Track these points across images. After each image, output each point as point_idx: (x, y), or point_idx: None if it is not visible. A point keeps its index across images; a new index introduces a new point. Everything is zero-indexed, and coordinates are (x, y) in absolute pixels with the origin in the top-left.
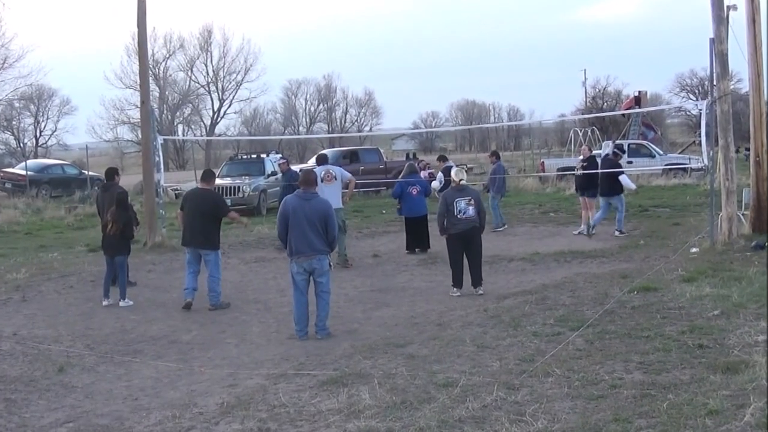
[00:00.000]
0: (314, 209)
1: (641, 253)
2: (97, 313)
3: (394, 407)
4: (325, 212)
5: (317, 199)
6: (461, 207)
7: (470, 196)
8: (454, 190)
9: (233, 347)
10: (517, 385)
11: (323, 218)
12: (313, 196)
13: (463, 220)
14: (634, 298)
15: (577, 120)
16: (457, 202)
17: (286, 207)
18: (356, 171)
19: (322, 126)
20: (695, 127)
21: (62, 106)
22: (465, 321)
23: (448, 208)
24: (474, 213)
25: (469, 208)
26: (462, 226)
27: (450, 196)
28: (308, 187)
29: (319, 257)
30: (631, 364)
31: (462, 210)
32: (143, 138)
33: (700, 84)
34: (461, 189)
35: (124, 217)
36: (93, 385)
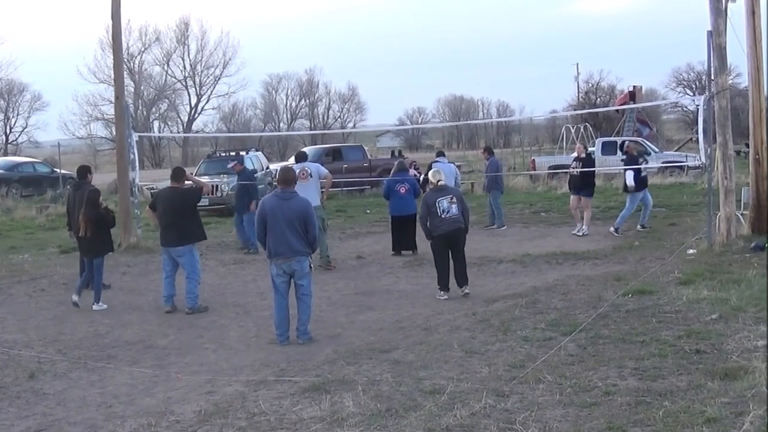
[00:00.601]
0: (293, 209)
1: (636, 255)
2: (69, 317)
3: (378, 415)
4: (305, 212)
5: (296, 198)
6: (444, 206)
7: (452, 194)
8: (435, 190)
9: (211, 352)
10: (506, 392)
11: (302, 218)
12: (292, 195)
13: (447, 220)
14: (628, 302)
15: (569, 116)
16: (440, 201)
17: (263, 207)
18: (339, 169)
19: (304, 122)
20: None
21: (33, 101)
22: (452, 325)
23: (430, 209)
24: (458, 211)
25: (452, 206)
26: (446, 226)
27: (431, 197)
28: (286, 186)
29: (299, 259)
30: (625, 370)
31: (445, 209)
32: (118, 135)
33: (697, 79)
34: (441, 189)
35: (95, 217)
36: (65, 392)
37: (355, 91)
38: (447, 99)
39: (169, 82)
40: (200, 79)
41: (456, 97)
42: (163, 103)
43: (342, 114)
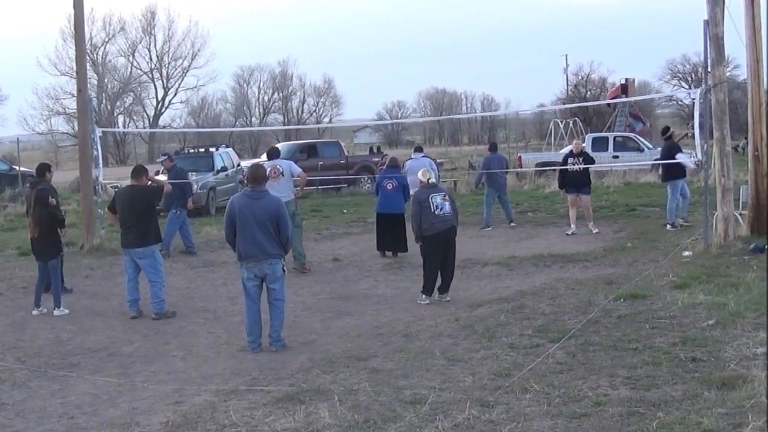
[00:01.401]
0: (264, 209)
1: (628, 257)
2: (29, 323)
3: (356, 426)
4: (276, 211)
5: (267, 198)
6: (438, 202)
7: (444, 192)
8: (426, 187)
9: (179, 360)
10: (491, 403)
11: (274, 218)
12: (262, 194)
13: (441, 218)
14: (620, 307)
15: (558, 110)
16: (432, 197)
17: (232, 207)
18: (315, 166)
19: (277, 117)
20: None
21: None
22: (434, 332)
23: (422, 205)
24: (450, 209)
25: (445, 204)
26: (440, 225)
27: (423, 193)
28: (257, 185)
29: (271, 261)
30: (617, 379)
31: (439, 205)
32: (80, 130)
33: (693, 71)
34: (432, 186)
35: (47, 216)
36: (24, 402)
37: (331, 83)
38: (428, 92)
39: (135, 74)
40: (167, 71)
41: (438, 91)
42: (129, 97)
43: (317, 108)
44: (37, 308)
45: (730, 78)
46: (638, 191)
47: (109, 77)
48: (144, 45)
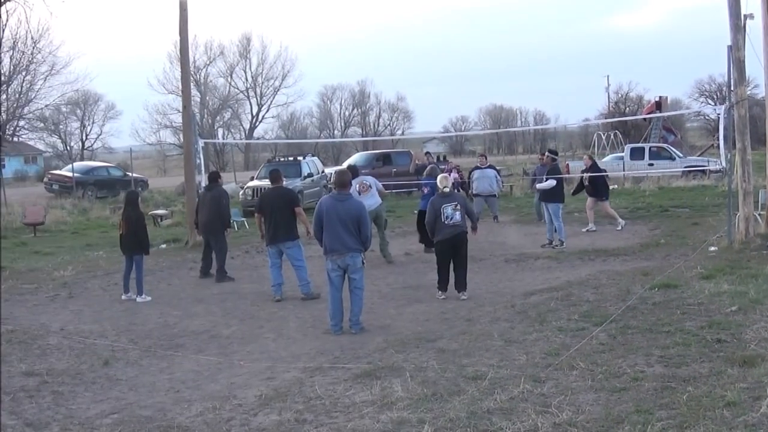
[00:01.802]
0: (347, 210)
1: (662, 252)
2: (140, 308)
3: (425, 399)
4: (358, 213)
5: (351, 201)
6: (448, 213)
7: (456, 202)
8: (441, 197)
9: (271, 341)
10: (543, 378)
11: (356, 219)
12: (347, 197)
13: (450, 226)
14: (655, 295)
15: (601, 124)
16: (444, 208)
17: (320, 208)
18: (389, 173)
19: (356, 129)
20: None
21: (107, 110)
22: (493, 316)
23: (436, 214)
24: (460, 218)
25: (455, 213)
26: (449, 231)
27: (437, 202)
28: (342, 189)
29: (352, 254)
30: (652, 357)
31: (449, 216)
32: (185, 141)
33: (718, 89)
34: (447, 195)
35: (134, 216)
36: (137, 378)
37: (403, 100)
38: (488, 108)
39: (232, 92)
40: (261, 90)
41: (496, 107)
42: (227, 112)
43: (391, 122)
44: (126, 294)
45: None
46: (670, 194)
47: (210, 95)
48: (240, 67)
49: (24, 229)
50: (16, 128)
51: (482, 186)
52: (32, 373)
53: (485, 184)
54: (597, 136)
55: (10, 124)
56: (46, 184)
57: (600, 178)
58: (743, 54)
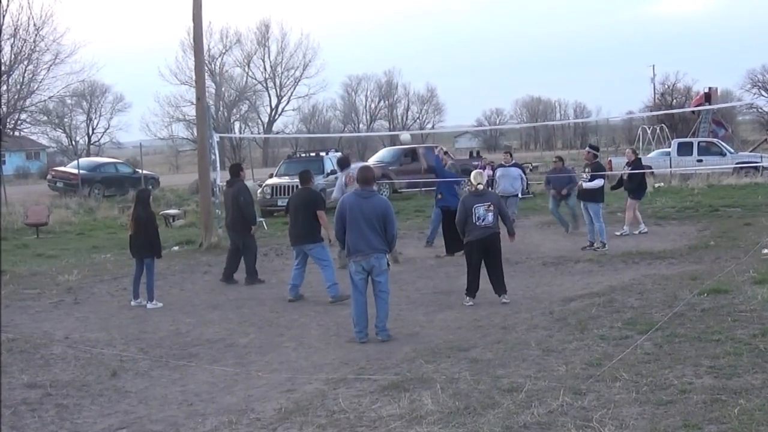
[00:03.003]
0: (372, 207)
1: (711, 254)
2: (151, 315)
3: (457, 413)
4: (384, 210)
5: (376, 197)
6: (480, 213)
7: (489, 202)
8: (473, 195)
9: (291, 351)
10: (583, 390)
11: (382, 217)
12: (372, 194)
13: (480, 227)
14: (704, 301)
15: (646, 117)
16: (476, 208)
17: (343, 205)
18: (418, 170)
19: (383, 123)
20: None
21: (115, 102)
22: (530, 324)
23: (467, 214)
24: (493, 219)
25: (488, 214)
26: (479, 233)
27: (469, 202)
28: (366, 185)
29: (377, 255)
30: (701, 368)
31: (481, 216)
32: (199, 136)
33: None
34: (480, 194)
35: (145, 216)
36: (147, 390)
37: (433, 92)
38: (524, 100)
39: (250, 83)
40: (280, 80)
41: (533, 99)
42: (244, 105)
43: (420, 115)
44: (135, 299)
45: None
46: (721, 192)
47: (226, 86)
48: (259, 56)
49: (26, 230)
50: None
51: (504, 185)
52: (35, 385)
53: (507, 184)
54: (642, 131)
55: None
56: (50, 181)
57: (638, 176)
58: None
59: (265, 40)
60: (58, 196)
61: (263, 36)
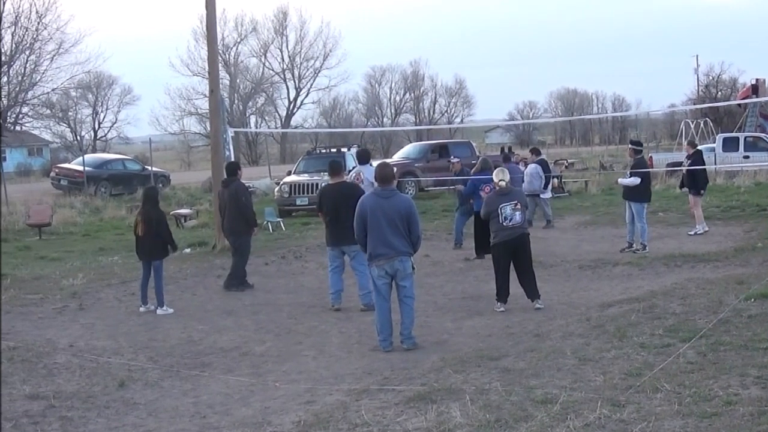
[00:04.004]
0: (394, 207)
1: (759, 257)
2: (161, 322)
3: (487, 426)
4: (408, 210)
5: (398, 196)
6: (507, 213)
7: (516, 200)
8: (499, 194)
9: (311, 360)
10: (622, 402)
11: (405, 216)
12: (393, 192)
13: (509, 228)
14: (751, 306)
15: (689, 111)
16: (502, 208)
17: (363, 207)
18: (445, 167)
19: (409, 117)
20: None
21: (123, 95)
22: (565, 331)
23: (491, 214)
24: (521, 218)
25: (515, 213)
26: (506, 234)
27: (494, 201)
28: (386, 184)
29: (402, 258)
30: (747, 378)
31: (508, 216)
32: (212, 130)
33: None
34: (505, 193)
35: (155, 215)
36: (157, 402)
37: (462, 84)
38: (559, 92)
39: (267, 74)
40: (299, 71)
41: (569, 91)
42: (260, 97)
43: (449, 108)
44: (144, 305)
45: None
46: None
47: (241, 77)
48: (276, 45)
49: (28, 231)
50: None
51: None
52: (37, 396)
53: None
54: (684, 125)
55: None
56: (53, 179)
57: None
58: None
59: (283, 29)
60: (62, 194)
61: (281, 24)
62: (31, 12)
